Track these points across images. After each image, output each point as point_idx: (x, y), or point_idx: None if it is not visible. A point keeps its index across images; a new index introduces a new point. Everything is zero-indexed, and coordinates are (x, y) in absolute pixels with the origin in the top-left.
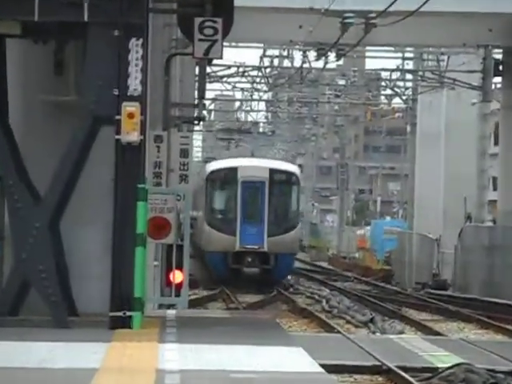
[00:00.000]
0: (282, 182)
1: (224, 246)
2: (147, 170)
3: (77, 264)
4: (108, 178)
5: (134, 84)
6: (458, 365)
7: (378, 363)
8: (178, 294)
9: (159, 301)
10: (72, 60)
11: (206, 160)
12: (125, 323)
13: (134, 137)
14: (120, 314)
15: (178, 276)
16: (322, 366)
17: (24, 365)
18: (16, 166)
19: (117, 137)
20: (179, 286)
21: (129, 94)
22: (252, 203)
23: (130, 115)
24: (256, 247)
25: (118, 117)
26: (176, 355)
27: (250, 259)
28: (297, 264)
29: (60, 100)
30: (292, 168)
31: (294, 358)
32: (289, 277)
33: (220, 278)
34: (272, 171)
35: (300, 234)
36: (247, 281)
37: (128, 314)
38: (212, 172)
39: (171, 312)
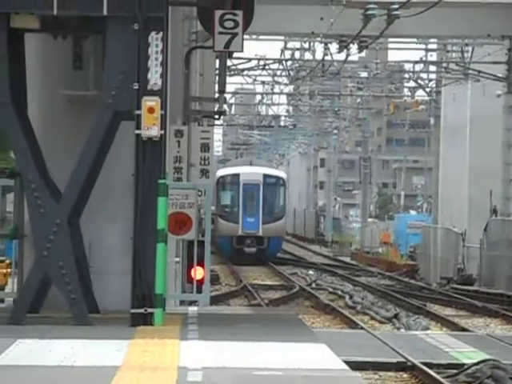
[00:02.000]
0: (272, 184)
1: (230, 231)
2: (168, 164)
3: (98, 260)
4: (129, 173)
5: (154, 78)
6: (484, 361)
7: (402, 360)
8: (199, 291)
9: (180, 297)
10: (91, 54)
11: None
12: (146, 320)
13: (154, 132)
14: (141, 310)
15: (199, 272)
16: (346, 362)
17: (45, 363)
18: (36, 162)
19: (137, 132)
20: (201, 282)
21: (149, 88)
22: (250, 200)
23: (150, 110)
24: (254, 232)
25: (138, 111)
26: (198, 352)
27: (249, 241)
28: (319, 259)
29: (79, 95)
30: (280, 173)
31: (317, 355)
32: (311, 272)
33: (227, 256)
34: (265, 176)
35: (285, 223)
36: (247, 258)
37: (149, 310)
38: (221, 177)
39: (193, 309)
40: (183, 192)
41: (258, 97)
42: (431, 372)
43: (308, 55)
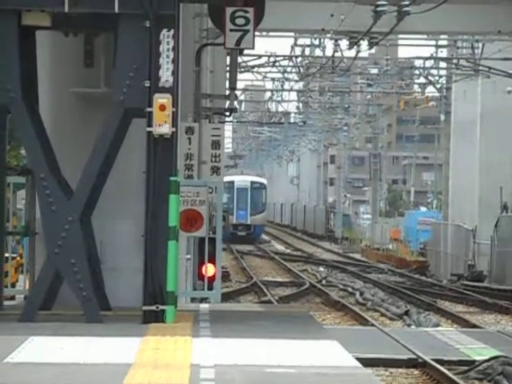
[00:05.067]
0: (256, 188)
1: (228, 221)
2: (178, 162)
3: (109, 258)
4: (140, 170)
5: (166, 75)
6: (495, 357)
7: (413, 356)
8: (210, 288)
9: (192, 294)
10: (102, 52)
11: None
12: (158, 317)
13: (165, 129)
14: (153, 308)
15: (210, 269)
16: (357, 359)
17: (58, 360)
18: (47, 159)
19: (148, 129)
20: (212, 279)
21: (160, 85)
22: (241, 198)
23: (162, 107)
24: (244, 221)
25: (149, 109)
26: (210, 350)
27: (240, 227)
28: (329, 256)
29: (90, 92)
30: (262, 180)
31: (329, 352)
32: (321, 268)
33: (225, 238)
34: (252, 182)
35: (266, 215)
36: (239, 239)
37: (161, 307)
38: None
39: (204, 306)
40: (194, 189)
41: (268, 93)
42: (442, 369)
43: (318, 52)
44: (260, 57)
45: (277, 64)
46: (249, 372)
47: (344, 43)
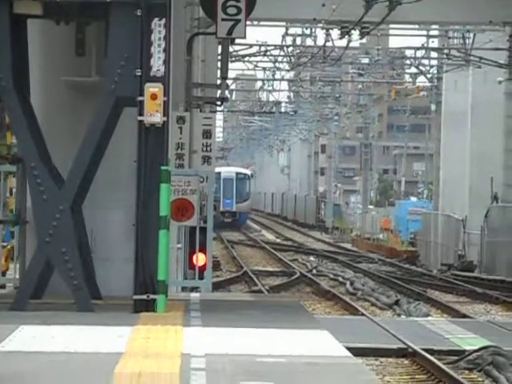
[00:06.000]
0: (241, 178)
1: (218, 210)
2: (170, 151)
3: (100, 247)
4: (131, 159)
5: (157, 64)
6: (485, 347)
7: (403, 346)
8: (201, 277)
9: (182, 284)
10: (94, 40)
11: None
12: (149, 306)
13: (157, 118)
14: (144, 297)
15: (201, 258)
16: (347, 348)
17: (48, 349)
18: (38, 148)
19: (139, 118)
20: (202, 268)
21: (151, 74)
22: (228, 188)
23: (153, 96)
24: (230, 209)
25: (140, 98)
26: (201, 339)
27: (227, 214)
28: (320, 246)
29: (82, 81)
30: (246, 171)
31: (319, 341)
32: (311, 258)
33: (215, 227)
34: (237, 173)
35: (250, 203)
36: (226, 225)
37: (152, 297)
38: None
39: (195, 295)
40: (185, 178)
41: (259, 83)
42: (432, 358)
43: (309, 41)
44: (251, 46)
45: (268, 53)
46: (239, 361)
47: (335, 33)
